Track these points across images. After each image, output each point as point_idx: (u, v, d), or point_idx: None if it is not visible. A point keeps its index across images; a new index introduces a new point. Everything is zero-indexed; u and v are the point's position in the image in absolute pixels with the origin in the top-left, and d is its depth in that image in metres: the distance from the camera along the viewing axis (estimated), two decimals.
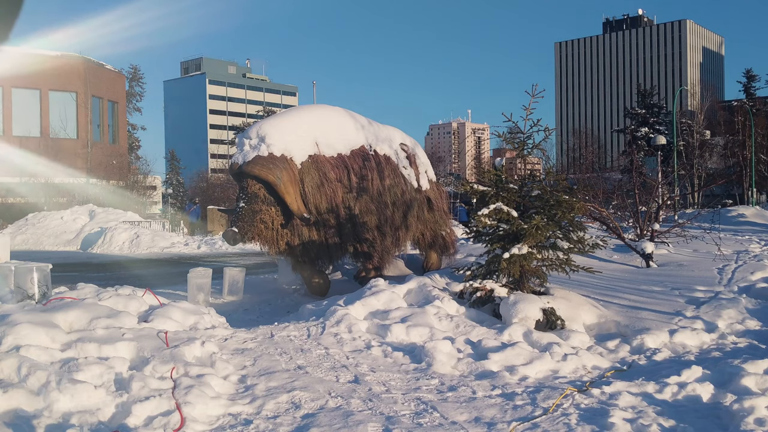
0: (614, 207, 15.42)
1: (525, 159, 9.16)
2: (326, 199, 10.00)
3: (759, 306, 8.70)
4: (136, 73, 56.99)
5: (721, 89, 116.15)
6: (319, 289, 10.72)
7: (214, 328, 7.28)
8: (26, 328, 5.92)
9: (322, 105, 11.65)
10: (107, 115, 36.89)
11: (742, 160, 49.21)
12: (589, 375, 6.10)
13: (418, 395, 5.35)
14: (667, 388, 5.36)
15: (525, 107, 9.04)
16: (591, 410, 4.98)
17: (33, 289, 7.74)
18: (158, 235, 23.72)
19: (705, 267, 11.61)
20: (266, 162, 9.56)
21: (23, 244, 23.32)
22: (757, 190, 49.49)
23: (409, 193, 11.28)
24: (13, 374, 5.10)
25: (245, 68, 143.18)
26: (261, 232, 9.72)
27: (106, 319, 6.59)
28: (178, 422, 4.56)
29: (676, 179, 34.53)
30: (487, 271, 8.51)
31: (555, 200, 8.43)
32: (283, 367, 6.00)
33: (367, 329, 7.32)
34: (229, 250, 21.93)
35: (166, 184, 70.13)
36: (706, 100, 60.96)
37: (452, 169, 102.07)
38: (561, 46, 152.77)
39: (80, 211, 26.20)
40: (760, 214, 28.01)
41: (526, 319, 7.44)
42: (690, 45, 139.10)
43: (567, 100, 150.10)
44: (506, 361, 6.21)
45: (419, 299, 8.24)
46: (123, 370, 5.51)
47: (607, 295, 9.06)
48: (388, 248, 10.81)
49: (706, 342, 7.23)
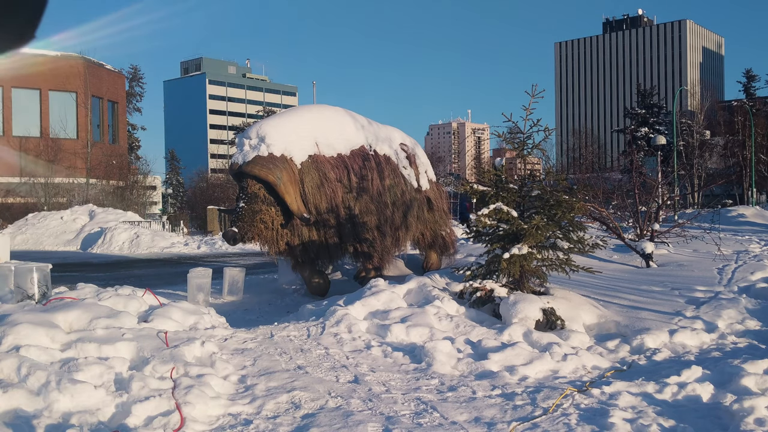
0: (614, 207, 15.42)
1: (525, 159, 9.16)
2: (326, 199, 10.00)
3: (759, 306, 8.70)
4: (136, 73, 56.98)
5: (721, 89, 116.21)
6: (319, 289, 10.72)
7: (214, 328, 7.28)
8: (26, 328, 5.92)
9: (322, 105, 11.65)
10: (107, 115, 36.88)
11: (742, 160, 49.25)
12: (589, 375, 6.10)
13: (418, 395, 5.35)
14: (667, 388, 5.36)
15: (525, 107, 9.04)
16: (591, 410, 4.98)
17: (33, 289, 7.73)
18: (158, 235, 23.73)
19: (705, 267, 11.61)
20: (266, 162, 9.56)
21: (23, 244, 23.33)
22: (757, 190, 49.49)
23: (409, 193, 11.29)
24: (13, 374, 5.10)
25: (245, 68, 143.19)
26: (261, 232, 9.72)
27: (106, 319, 6.59)
28: (178, 422, 4.56)
29: (676, 179, 34.56)
30: (487, 271, 8.51)
31: (555, 200, 8.43)
32: (283, 367, 6.00)
33: (367, 329, 7.32)
34: (229, 250, 21.94)
35: (166, 184, 70.20)
36: (706, 100, 61.01)
37: (452, 169, 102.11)
38: (561, 46, 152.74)
39: (80, 211, 26.22)
40: (760, 214, 28.00)
41: (526, 319, 7.44)
42: (690, 45, 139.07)
43: (567, 100, 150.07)
44: (506, 361, 6.21)
45: (419, 299, 8.24)
46: (123, 370, 5.51)
47: (607, 295, 9.06)
48: (388, 248, 10.81)
49: (706, 342, 7.23)
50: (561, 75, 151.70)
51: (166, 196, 63.92)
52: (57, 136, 32.72)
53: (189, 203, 48.66)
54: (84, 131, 34.36)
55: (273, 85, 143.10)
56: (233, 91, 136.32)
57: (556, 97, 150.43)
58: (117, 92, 38.54)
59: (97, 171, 33.82)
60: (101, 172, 33.89)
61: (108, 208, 27.15)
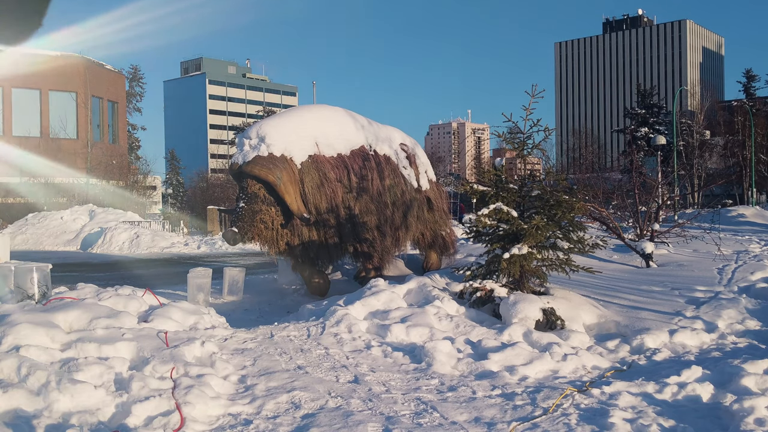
0: (614, 207, 15.42)
1: (525, 159, 9.16)
2: (326, 199, 9.99)
3: (759, 306, 8.70)
4: (136, 73, 57.03)
5: (721, 89, 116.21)
6: (319, 289, 10.72)
7: (214, 328, 7.28)
8: (26, 328, 5.92)
9: (322, 105, 11.65)
10: (107, 115, 36.88)
11: (742, 160, 49.21)
12: (589, 375, 6.10)
13: (418, 395, 5.35)
14: (667, 388, 5.36)
15: (525, 107, 9.04)
16: (591, 410, 4.98)
17: (33, 289, 7.73)
18: (158, 235, 23.74)
19: (705, 267, 11.61)
20: (266, 162, 9.56)
21: (23, 244, 23.33)
22: (757, 190, 49.49)
23: (409, 193, 11.28)
24: (13, 374, 5.10)
25: (245, 68, 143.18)
26: (261, 232, 9.72)
27: (106, 319, 6.59)
28: (178, 422, 4.56)
29: (676, 179, 34.55)
30: (487, 271, 8.51)
31: (555, 200, 8.43)
32: (283, 367, 6.00)
33: (367, 329, 7.32)
34: (229, 250, 21.94)
35: (166, 184, 70.19)
36: (706, 100, 60.98)
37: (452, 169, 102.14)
38: (561, 46, 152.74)
39: (80, 211, 26.22)
40: (760, 214, 28.01)
41: (526, 319, 7.44)
42: (690, 45, 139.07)
43: (567, 100, 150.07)
44: (506, 361, 6.21)
45: (419, 299, 8.24)
46: (123, 370, 5.51)
47: (607, 295, 9.06)
48: (388, 248, 10.80)
49: (706, 342, 7.23)
50: (561, 75, 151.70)
51: (166, 196, 63.92)
52: (57, 136, 32.74)
53: (189, 203, 48.65)
54: (84, 131, 34.37)
55: (273, 85, 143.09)
56: (233, 91, 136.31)
57: (556, 97, 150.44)
58: (117, 92, 38.55)
59: (97, 171, 33.82)
60: (101, 172, 33.89)
61: (108, 208, 27.16)
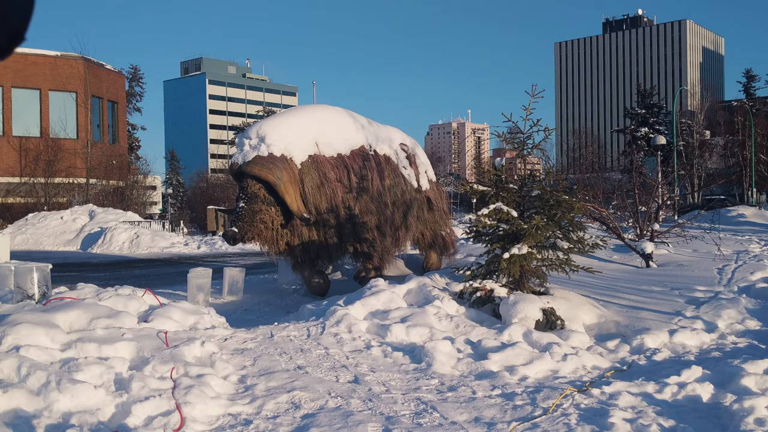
0: (614, 207, 15.44)
1: (525, 159, 9.16)
2: (326, 199, 9.99)
3: (759, 306, 8.70)
4: (136, 73, 56.96)
5: (721, 89, 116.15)
6: (319, 289, 10.72)
7: (214, 328, 7.28)
8: (26, 328, 5.92)
9: (322, 105, 11.65)
10: (107, 115, 36.87)
11: (742, 160, 49.17)
12: (589, 375, 6.10)
13: (418, 395, 5.35)
14: (667, 388, 5.36)
15: (525, 107, 9.04)
16: (591, 410, 4.98)
17: (33, 289, 7.73)
18: (158, 235, 23.74)
19: (705, 267, 11.62)
20: (266, 162, 9.56)
21: (23, 244, 23.33)
22: (757, 190, 49.45)
23: (409, 193, 11.28)
24: (13, 374, 5.10)
25: (245, 68, 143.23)
26: (261, 232, 9.72)
27: (106, 319, 6.59)
28: (178, 422, 4.56)
29: (676, 179, 34.54)
30: (487, 271, 8.51)
31: (555, 200, 8.43)
32: (282, 367, 6.00)
33: (367, 329, 7.31)
34: (229, 250, 21.94)
35: (166, 184, 70.20)
36: (706, 100, 60.93)
37: (452, 169, 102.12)
38: (561, 46, 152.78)
39: (80, 211, 26.22)
40: (760, 214, 28.03)
41: (525, 319, 7.44)
42: (690, 45, 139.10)
43: (567, 100, 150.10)
44: (506, 361, 6.21)
45: (419, 299, 8.24)
46: (123, 370, 5.51)
47: (607, 295, 9.06)
48: (388, 248, 10.80)
49: (706, 342, 7.23)
50: (561, 75, 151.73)
51: (166, 196, 63.87)
52: (57, 136, 32.72)
53: (189, 203, 48.66)
54: (84, 131, 34.35)
55: (273, 85, 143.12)
56: (233, 91, 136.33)
57: (556, 97, 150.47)
58: (117, 92, 38.53)
59: (97, 171, 33.82)
60: (101, 172, 33.89)
61: (108, 208, 27.16)
